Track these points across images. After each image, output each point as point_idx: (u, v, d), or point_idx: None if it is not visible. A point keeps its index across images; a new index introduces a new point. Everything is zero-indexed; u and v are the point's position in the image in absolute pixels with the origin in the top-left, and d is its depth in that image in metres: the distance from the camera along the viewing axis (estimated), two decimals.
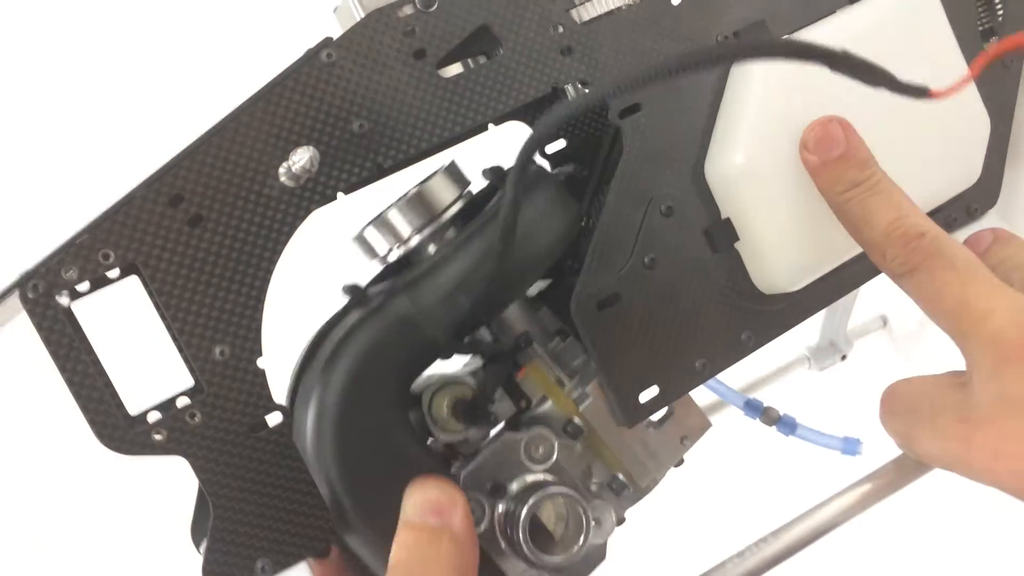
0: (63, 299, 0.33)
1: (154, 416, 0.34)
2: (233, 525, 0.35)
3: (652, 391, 0.40)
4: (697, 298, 0.41)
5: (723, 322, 0.41)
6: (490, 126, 0.40)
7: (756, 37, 0.42)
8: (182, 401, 0.35)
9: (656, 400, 0.40)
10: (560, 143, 0.46)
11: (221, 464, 0.35)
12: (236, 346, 0.35)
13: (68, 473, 1.03)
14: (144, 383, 0.38)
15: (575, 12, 0.40)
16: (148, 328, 0.36)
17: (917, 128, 0.43)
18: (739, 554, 0.39)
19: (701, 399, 0.42)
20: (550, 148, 0.47)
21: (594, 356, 0.39)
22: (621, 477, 0.40)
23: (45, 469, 1.05)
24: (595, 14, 0.40)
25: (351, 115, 0.37)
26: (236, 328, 0.35)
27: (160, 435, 0.34)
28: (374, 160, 0.37)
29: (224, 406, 0.35)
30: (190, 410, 0.34)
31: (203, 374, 0.35)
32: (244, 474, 0.35)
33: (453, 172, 0.40)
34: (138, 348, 0.54)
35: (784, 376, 1.01)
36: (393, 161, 0.37)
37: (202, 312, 0.35)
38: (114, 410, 0.33)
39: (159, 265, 0.34)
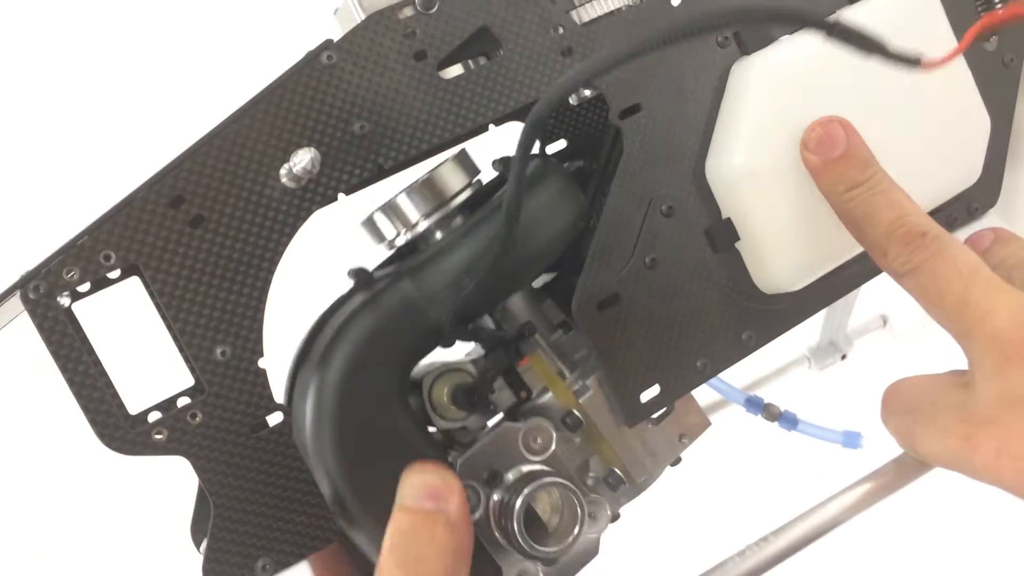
0: (64, 300, 0.33)
1: (155, 416, 0.34)
2: (234, 524, 0.35)
3: (653, 390, 0.40)
4: (698, 298, 0.41)
5: (724, 322, 0.41)
6: (491, 127, 0.40)
7: (747, 3, 0.40)
8: (183, 401, 0.35)
9: (657, 399, 0.40)
10: (561, 143, 0.46)
11: (222, 464, 0.35)
12: (237, 346, 0.35)
13: (68, 473, 1.03)
14: (145, 383, 0.38)
15: (575, 13, 0.40)
16: (149, 328, 0.36)
17: (917, 128, 0.43)
18: (740, 553, 0.39)
19: (702, 397, 0.42)
20: (551, 148, 0.47)
21: (595, 356, 0.39)
22: (618, 472, 0.40)
23: (45, 469, 1.05)
24: (595, 15, 0.40)
25: (352, 116, 0.37)
26: (237, 328, 0.35)
27: (161, 435, 0.34)
28: (375, 161, 0.37)
29: (225, 406, 0.35)
30: (191, 410, 0.34)
31: (204, 374, 0.35)
32: (245, 474, 0.35)
33: (463, 160, 0.40)
34: (139, 348, 0.54)
35: (784, 376, 1.01)
36: (394, 162, 0.37)
37: (203, 313, 0.35)
38: (115, 410, 0.34)
39: (160, 266, 0.34)
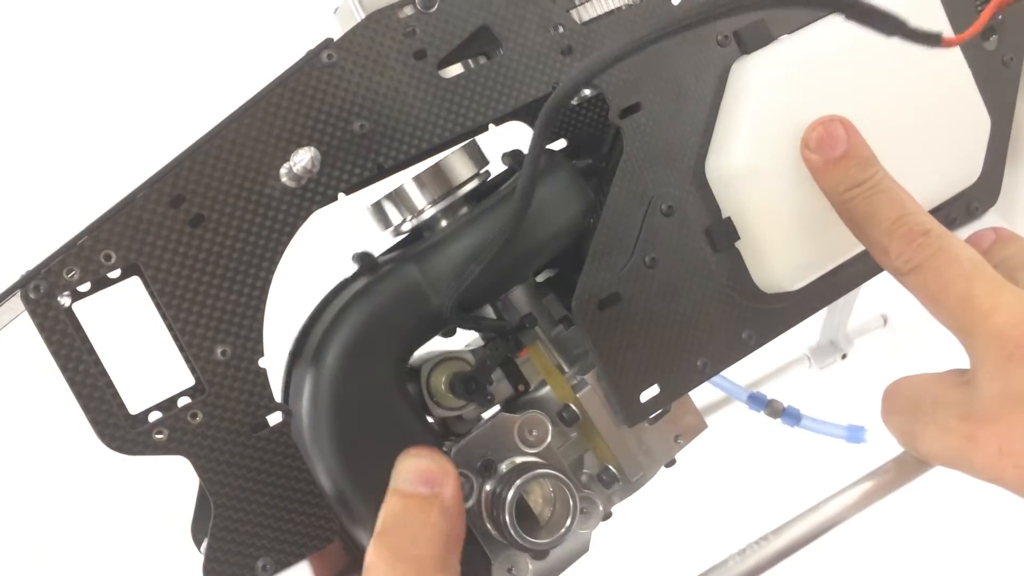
0: (64, 299, 0.33)
1: (155, 416, 0.34)
2: (234, 524, 0.35)
3: (653, 390, 0.40)
4: (698, 297, 0.41)
5: (724, 321, 0.41)
6: (491, 126, 0.40)
7: None
8: (183, 401, 0.35)
9: (657, 399, 0.40)
10: (561, 143, 0.46)
11: (222, 464, 0.35)
12: (237, 346, 0.35)
13: (68, 473, 1.03)
14: (145, 383, 0.38)
15: (575, 12, 0.40)
16: (149, 328, 0.36)
17: (917, 127, 0.43)
18: (740, 552, 0.39)
19: (705, 393, 0.42)
20: (551, 148, 0.47)
21: (595, 355, 0.39)
22: (612, 469, 0.40)
23: (46, 469, 1.05)
24: (595, 14, 0.40)
25: (352, 115, 0.37)
26: (238, 328, 0.35)
27: (161, 435, 0.34)
28: (375, 160, 0.37)
29: (225, 406, 0.35)
30: (191, 410, 0.34)
31: (204, 374, 0.35)
32: (245, 473, 0.35)
33: (473, 150, 0.40)
34: (139, 348, 0.54)
35: (785, 375, 1.01)
36: (394, 161, 0.37)
37: (203, 312, 0.35)
38: (115, 410, 0.34)
39: (160, 266, 0.34)
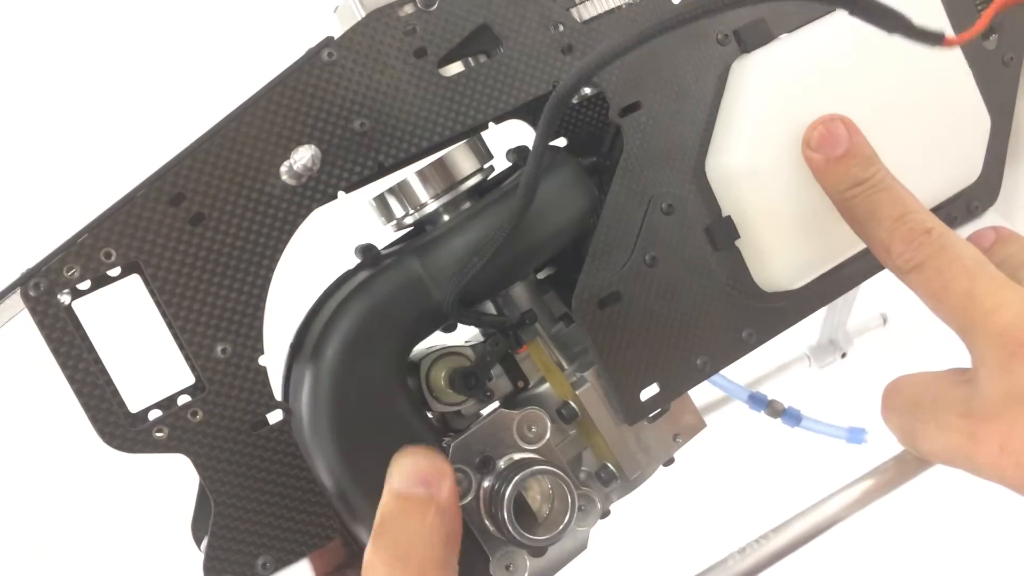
0: (64, 297, 0.33)
1: (155, 414, 0.34)
2: (234, 522, 0.35)
3: (653, 388, 0.40)
4: (698, 296, 0.41)
5: (724, 320, 0.41)
6: (491, 124, 0.40)
7: None
8: (183, 399, 0.35)
9: (657, 398, 0.40)
10: (561, 142, 0.46)
11: (223, 462, 0.35)
12: (238, 344, 0.35)
13: (69, 471, 1.03)
14: (145, 381, 0.38)
15: (575, 11, 0.40)
16: (149, 326, 0.36)
17: (917, 126, 0.43)
18: (740, 551, 0.39)
19: (705, 392, 0.42)
20: (557, 145, 0.47)
21: (595, 354, 0.39)
22: (610, 467, 0.41)
23: (46, 467, 1.05)
24: (595, 13, 0.40)
25: (352, 114, 0.37)
26: (238, 326, 0.35)
27: (161, 433, 0.34)
28: (375, 159, 0.37)
29: (225, 404, 0.35)
30: (191, 408, 0.34)
31: (204, 372, 0.35)
32: (246, 472, 0.35)
33: (476, 145, 0.40)
34: (139, 346, 0.54)
35: (784, 373, 1.01)
36: (394, 159, 0.37)
37: (203, 310, 0.35)
38: (115, 408, 0.34)
39: (160, 264, 0.34)
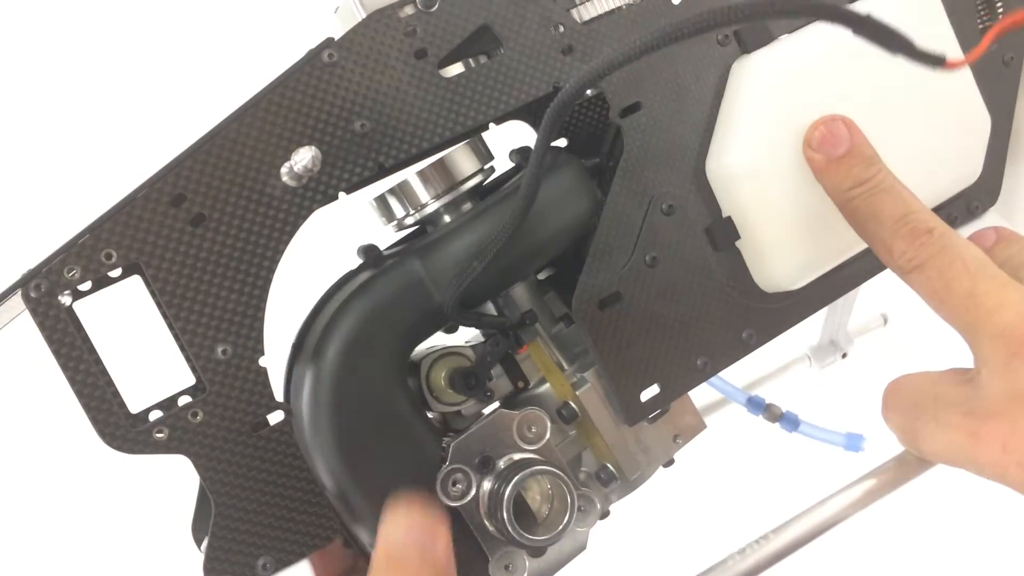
0: (65, 298, 0.33)
1: (156, 415, 0.34)
2: (235, 523, 0.35)
3: (653, 389, 0.40)
4: (698, 296, 0.41)
5: (724, 320, 0.41)
6: (491, 125, 0.40)
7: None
8: (184, 400, 0.35)
9: (657, 398, 0.40)
10: (562, 142, 0.46)
11: (223, 463, 0.35)
12: (238, 345, 0.35)
13: (69, 472, 1.03)
14: (146, 382, 0.38)
15: (576, 12, 0.40)
16: (150, 327, 0.36)
17: (917, 126, 0.43)
18: (740, 551, 0.39)
19: (703, 395, 0.42)
20: (559, 147, 0.47)
21: (595, 354, 0.39)
22: (610, 468, 0.41)
23: (46, 468, 1.05)
24: (596, 13, 0.41)
25: (353, 115, 0.37)
26: (238, 327, 0.35)
27: (162, 433, 0.34)
28: (376, 159, 0.37)
29: (226, 404, 0.35)
30: (192, 409, 0.34)
31: (205, 373, 0.35)
32: (246, 472, 0.35)
33: (477, 146, 0.40)
34: (140, 347, 0.54)
35: (785, 374, 1.01)
36: (395, 160, 0.37)
37: (204, 311, 0.35)
38: (116, 409, 0.34)
39: (161, 265, 0.34)
